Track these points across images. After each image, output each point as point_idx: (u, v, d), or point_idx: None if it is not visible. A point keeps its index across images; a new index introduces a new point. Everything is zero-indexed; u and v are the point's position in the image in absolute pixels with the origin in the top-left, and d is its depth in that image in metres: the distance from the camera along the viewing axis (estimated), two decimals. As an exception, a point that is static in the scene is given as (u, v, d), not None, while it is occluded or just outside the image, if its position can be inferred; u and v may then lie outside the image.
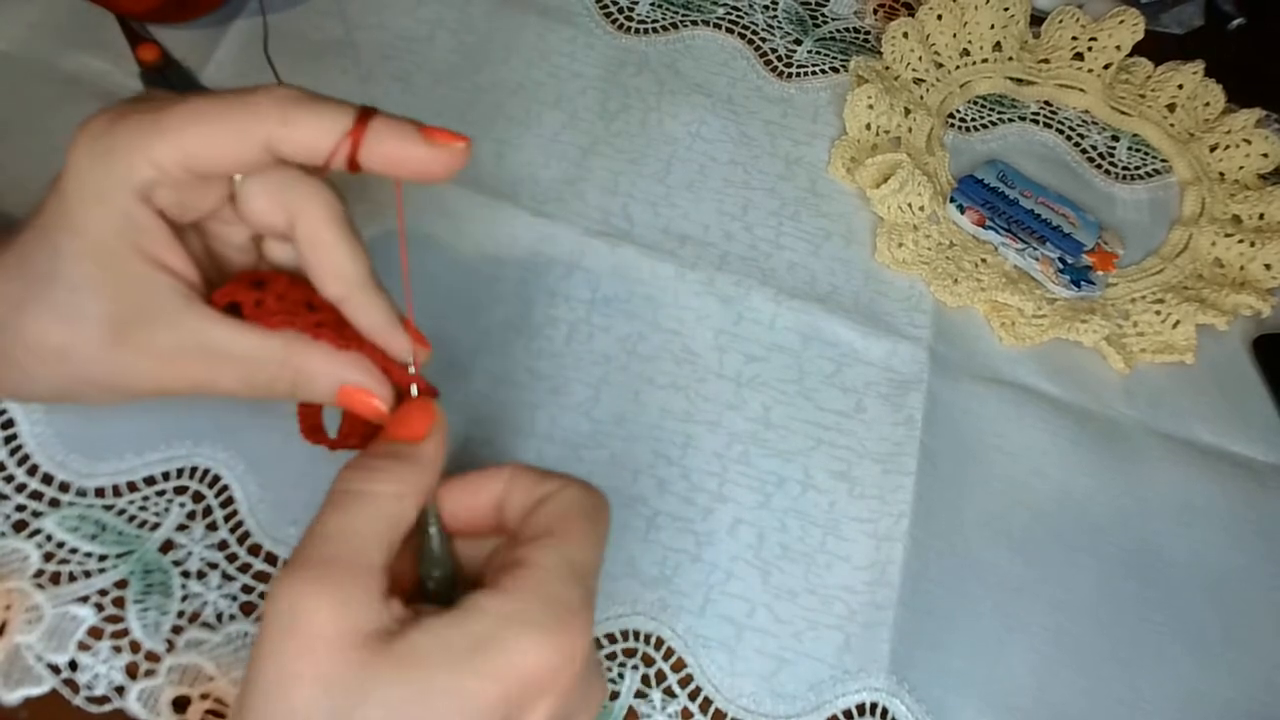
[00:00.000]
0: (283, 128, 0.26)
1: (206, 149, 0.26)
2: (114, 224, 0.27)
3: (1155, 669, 0.40)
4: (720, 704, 0.37)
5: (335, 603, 0.24)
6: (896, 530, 0.41)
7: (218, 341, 0.28)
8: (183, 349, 0.28)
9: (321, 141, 0.27)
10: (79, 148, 0.27)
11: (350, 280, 0.29)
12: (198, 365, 0.28)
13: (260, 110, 0.26)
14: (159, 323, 0.27)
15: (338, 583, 0.24)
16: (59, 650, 0.35)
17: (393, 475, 0.27)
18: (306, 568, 0.24)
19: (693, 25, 0.54)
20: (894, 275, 0.48)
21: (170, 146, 0.26)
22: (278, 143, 0.27)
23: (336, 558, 0.25)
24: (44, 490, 0.37)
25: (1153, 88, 0.54)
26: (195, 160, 0.27)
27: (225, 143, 0.26)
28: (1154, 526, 0.43)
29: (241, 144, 0.26)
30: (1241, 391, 0.48)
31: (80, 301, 0.27)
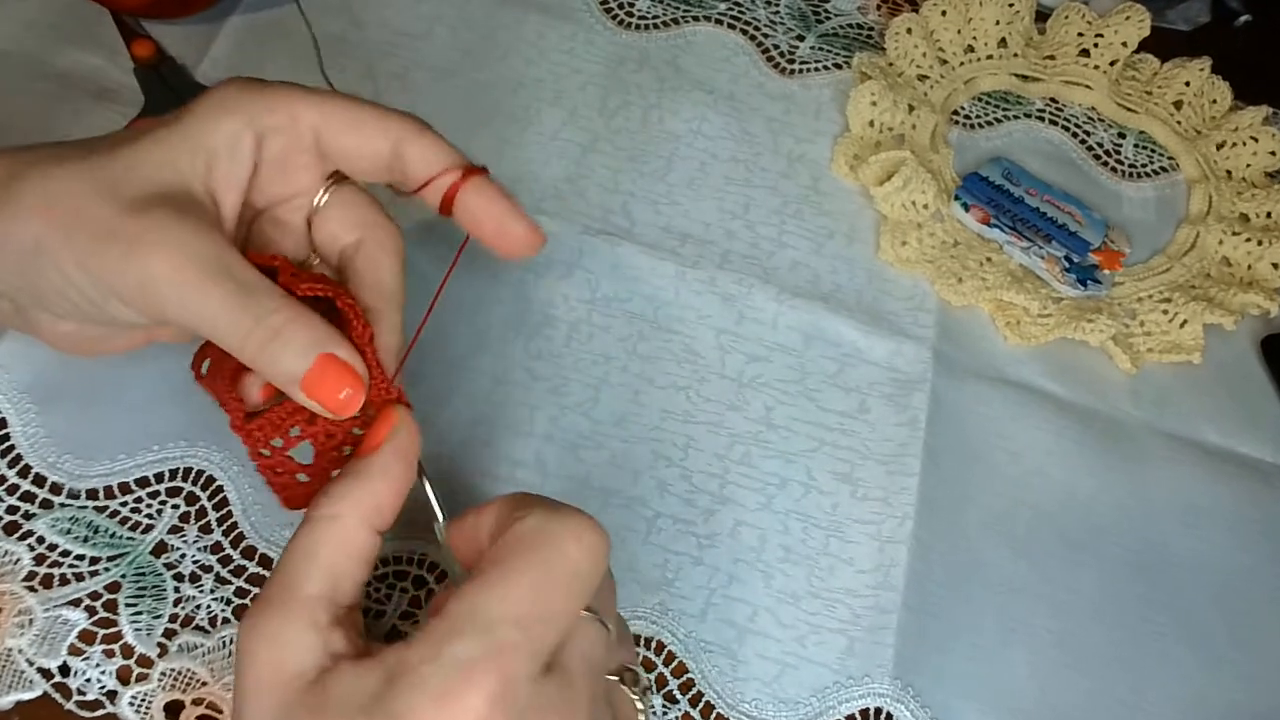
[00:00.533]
0: (415, 142, 0.29)
1: (345, 127, 0.29)
2: (214, 139, 0.28)
3: (1160, 671, 0.40)
4: (722, 709, 0.37)
5: (270, 641, 0.24)
6: (900, 532, 0.41)
7: (228, 260, 0.27)
8: (189, 249, 0.26)
9: (438, 166, 0.30)
10: (232, 83, 0.29)
11: (389, 299, 0.31)
12: (195, 272, 0.26)
13: (401, 120, 0.30)
14: (184, 220, 0.27)
15: (275, 618, 0.24)
16: (50, 654, 0.34)
17: (333, 496, 0.26)
18: (256, 605, 0.25)
19: (694, 21, 0.54)
20: (898, 274, 0.47)
21: (315, 111, 0.29)
22: (406, 151, 0.29)
23: (275, 592, 0.25)
24: (36, 492, 0.37)
25: (1159, 85, 0.54)
26: (328, 133, 0.29)
27: (364, 129, 0.29)
28: (1159, 528, 0.43)
29: (376, 139, 0.29)
30: (1249, 392, 0.47)
31: (133, 169, 0.27)
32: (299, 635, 0.24)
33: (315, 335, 0.27)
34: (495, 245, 0.31)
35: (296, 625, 0.24)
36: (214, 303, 0.26)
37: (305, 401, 0.27)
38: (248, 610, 0.25)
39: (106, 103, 0.46)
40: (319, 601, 0.25)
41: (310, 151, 0.30)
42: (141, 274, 0.26)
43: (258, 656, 0.24)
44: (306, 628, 0.24)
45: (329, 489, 0.26)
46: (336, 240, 0.31)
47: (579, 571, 0.24)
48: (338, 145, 0.30)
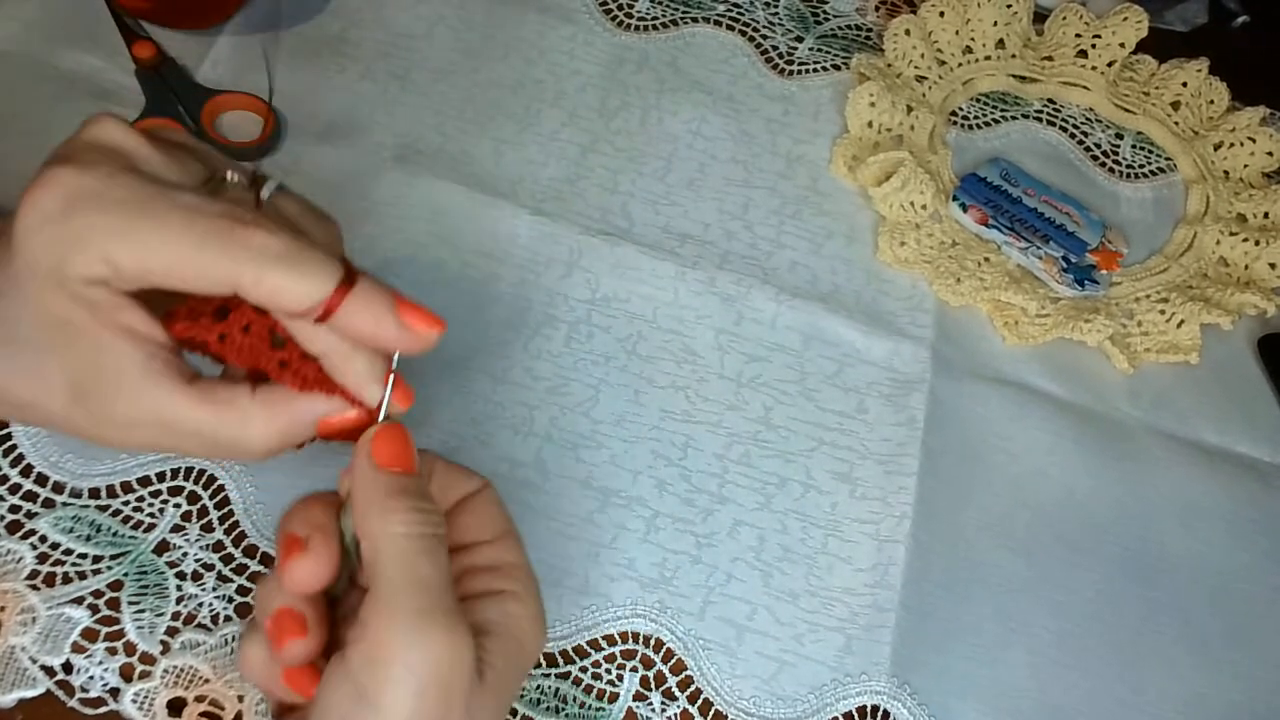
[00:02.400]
0: (256, 284, 0.25)
1: (168, 269, 0.24)
2: (65, 302, 0.25)
3: (1158, 671, 0.40)
4: (720, 706, 0.37)
5: (470, 647, 0.25)
6: (898, 531, 0.41)
7: (175, 415, 0.26)
8: (141, 422, 0.26)
9: (293, 305, 0.25)
10: (28, 228, 0.25)
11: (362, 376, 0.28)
12: (159, 434, 0.27)
13: (239, 257, 0.24)
14: (118, 393, 0.26)
15: (465, 627, 0.25)
16: (53, 652, 0.34)
17: (438, 515, 0.27)
18: (436, 618, 0.25)
19: (693, 22, 0.54)
20: (896, 274, 0.48)
21: (130, 256, 0.24)
22: (246, 291, 0.25)
23: (453, 602, 0.25)
24: (38, 491, 0.37)
25: (1157, 85, 0.54)
26: (153, 276, 0.25)
27: (190, 272, 0.25)
28: (1157, 527, 0.43)
29: (207, 279, 0.25)
30: (1246, 391, 0.47)
31: (43, 364, 0.26)
32: (467, 640, 0.25)
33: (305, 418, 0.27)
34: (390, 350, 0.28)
35: (466, 631, 0.25)
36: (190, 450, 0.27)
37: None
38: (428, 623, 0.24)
39: (107, 104, 0.46)
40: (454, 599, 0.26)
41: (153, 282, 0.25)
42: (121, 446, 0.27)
43: (463, 665, 0.25)
44: (469, 636, 0.25)
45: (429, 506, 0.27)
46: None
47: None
48: (171, 285, 0.25)
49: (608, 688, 0.37)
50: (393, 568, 0.25)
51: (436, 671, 0.24)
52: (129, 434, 0.27)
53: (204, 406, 0.26)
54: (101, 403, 0.26)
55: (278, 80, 0.48)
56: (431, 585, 0.25)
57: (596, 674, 0.37)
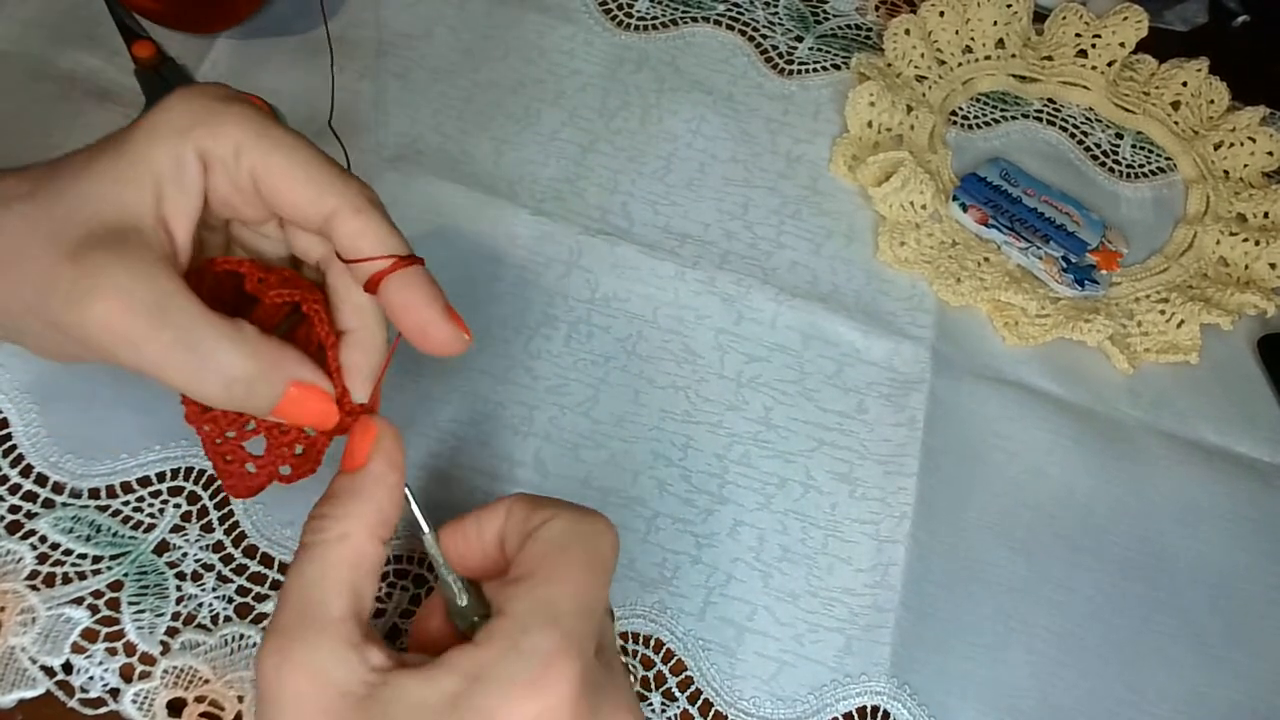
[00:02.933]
0: (349, 218, 0.27)
1: (281, 181, 0.27)
2: (160, 166, 0.26)
3: (1159, 670, 0.40)
4: (720, 707, 0.37)
5: (306, 667, 0.24)
6: (898, 532, 0.41)
7: (170, 304, 0.25)
8: (126, 293, 0.25)
9: (367, 251, 0.27)
10: (185, 99, 0.27)
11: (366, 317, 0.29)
12: (133, 318, 0.25)
13: (342, 193, 0.27)
14: (124, 259, 0.25)
15: (305, 644, 0.24)
16: (53, 652, 0.34)
17: (335, 516, 0.26)
18: (276, 636, 0.24)
19: (693, 22, 0.54)
20: (896, 274, 0.48)
21: (258, 158, 0.27)
22: (337, 227, 0.27)
23: (299, 620, 0.25)
24: (38, 491, 0.37)
25: (1157, 85, 0.54)
26: (266, 182, 0.27)
27: (298, 191, 0.27)
28: (1157, 527, 0.43)
29: (313, 203, 0.27)
30: (1246, 391, 0.47)
31: (72, 211, 0.26)
32: (338, 657, 0.24)
33: (277, 365, 0.27)
34: (414, 342, 0.28)
35: (332, 648, 0.24)
36: (156, 352, 0.25)
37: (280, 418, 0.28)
38: (266, 646, 0.24)
39: (107, 103, 0.46)
40: (347, 621, 0.25)
41: (249, 193, 0.28)
42: (82, 325, 0.25)
43: (296, 688, 0.24)
44: (344, 646, 0.24)
45: (328, 510, 0.26)
46: (311, 253, 0.30)
47: (609, 564, 0.27)
48: (272, 198, 0.27)
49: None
50: None
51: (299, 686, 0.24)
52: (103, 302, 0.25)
53: (205, 315, 0.26)
54: (96, 263, 0.25)
55: (274, 80, 0.48)
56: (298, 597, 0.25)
57: (596, 674, 0.37)
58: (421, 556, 0.38)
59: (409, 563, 0.38)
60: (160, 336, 0.25)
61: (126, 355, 0.25)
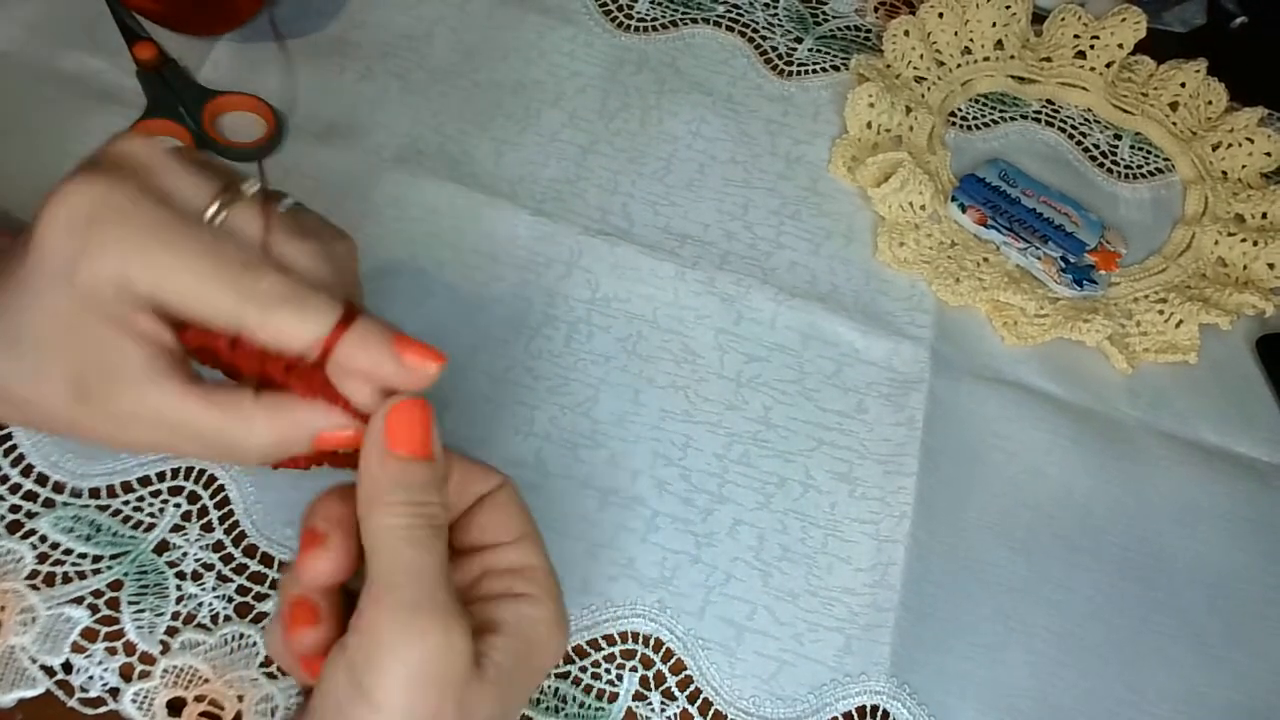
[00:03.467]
0: (260, 325, 0.26)
1: (179, 299, 0.25)
2: (78, 301, 0.25)
3: (1157, 670, 0.40)
4: (720, 706, 0.37)
5: (465, 641, 0.25)
6: (898, 531, 0.41)
7: (177, 415, 0.26)
8: (142, 418, 0.26)
9: (293, 345, 0.26)
10: (53, 225, 0.25)
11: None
12: (159, 433, 0.27)
13: (247, 297, 0.25)
14: (121, 391, 0.26)
15: (461, 621, 0.25)
16: (53, 652, 0.34)
17: (440, 506, 0.27)
18: (429, 611, 0.25)
19: (693, 23, 0.54)
20: (895, 275, 0.48)
21: (144, 279, 0.25)
22: (250, 331, 0.26)
23: (449, 595, 0.25)
24: (38, 491, 0.37)
25: (1155, 86, 0.54)
26: (165, 304, 0.26)
27: (198, 304, 0.26)
28: (1156, 527, 0.43)
29: (214, 313, 0.26)
30: (1244, 391, 0.47)
31: (47, 363, 0.26)
32: (465, 634, 0.25)
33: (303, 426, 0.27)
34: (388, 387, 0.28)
35: (467, 626, 0.25)
36: (190, 452, 0.27)
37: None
38: (415, 615, 0.24)
39: (109, 104, 0.46)
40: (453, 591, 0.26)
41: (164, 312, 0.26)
42: (120, 445, 0.27)
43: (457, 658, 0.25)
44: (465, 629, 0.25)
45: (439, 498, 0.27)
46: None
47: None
48: (179, 314, 0.26)
49: (607, 687, 0.37)
50: (386, 559, 0.25)
51: (426, 663, 0.24)
52: (129, 432, 0.27)
53: (207, 407, 0.26)
54: (104, 401, 0.26)
55: (275, 82, 0.48)
56: (424, 576, 0.25)
57: (596, 674, 0.37)
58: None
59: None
60: (186, 443, 0.27)
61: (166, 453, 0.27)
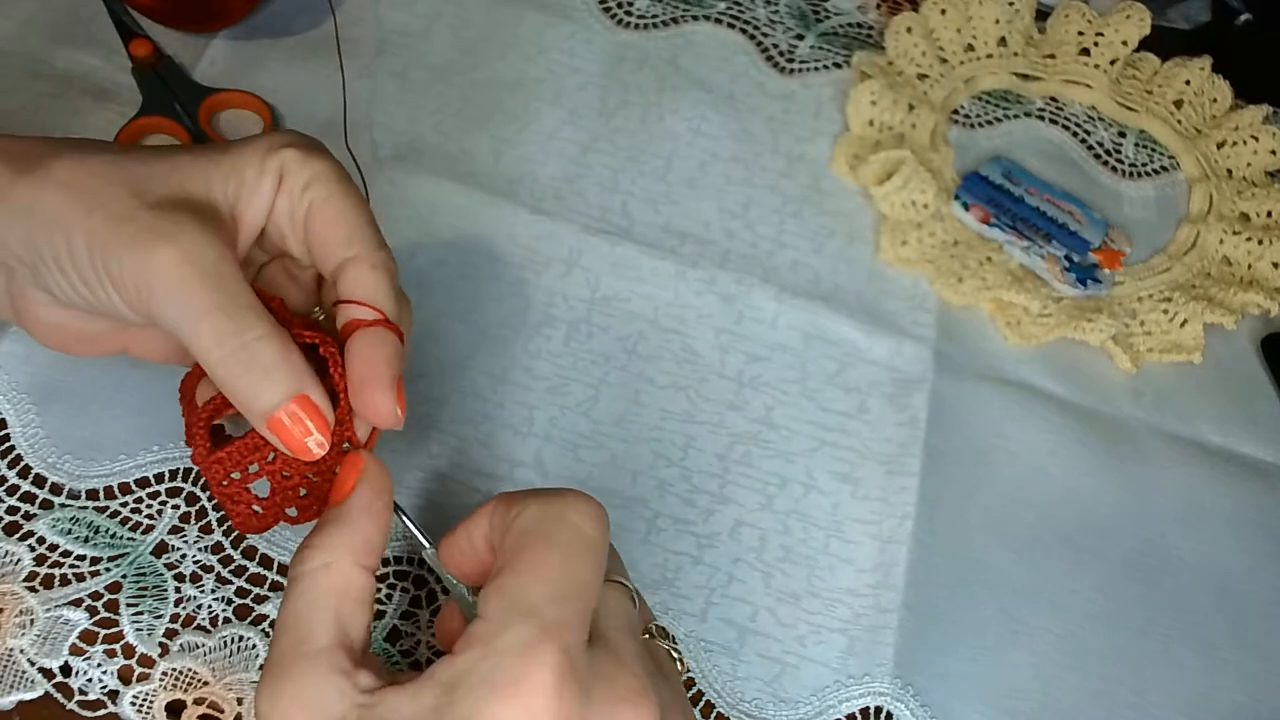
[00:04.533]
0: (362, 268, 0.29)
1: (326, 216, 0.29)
2: (245, 170, 0.29)
3: (1162, 672, 0.40)
4: (722, 708, 0.37)
5: (297, 700, 0.24)
6: (900, 532, 0.41)
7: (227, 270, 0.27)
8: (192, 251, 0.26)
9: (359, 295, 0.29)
10: (294, 131, 0.30)
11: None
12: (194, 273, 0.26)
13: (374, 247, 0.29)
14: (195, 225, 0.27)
15: (292, 678, 0.24)
16: (52, 654, 0.34)
17: (318, 546, 0.26)
18: (268, 671, 0.24)
19: (693, 20, 0.54)
20: (898, 273, 0.47)
21: (321, 192, 0.29)
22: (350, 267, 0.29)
23: (288, 653, 0.25)
24: (36, 492, 0.37)
25: (1159, 83, 0.54)
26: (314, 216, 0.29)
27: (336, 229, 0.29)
28: (1160, 528, 0.43)
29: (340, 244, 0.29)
30: (1250, 391, 0.47)
31: (158, 168, 0.28)
32: (326, 685, 0.24)
33: (296, 373, 0.27)
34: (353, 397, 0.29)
35: (320, 676, 0.24)
36: (203, 314, 0.26)
37: (266, 435, 0.27)
38: (262, 682, 0.24)
39: (104, 102, 0.46)
40: (334, 649, 0.25)
41: (299, 224, 0.30)
42: (143, 264, 0.26)
43: (285, 716, 0.24)
44: (332, 675, 0.24)
45: (314, 541, 0.26)
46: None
47: (591, 541, 0.26)
48: (311, 229, 0.29)
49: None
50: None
51: None
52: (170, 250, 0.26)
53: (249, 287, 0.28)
54: (173, 219, 0.27)
55: (272, 80, 0.48)
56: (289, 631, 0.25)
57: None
58: (421, 558, 0.38)
59: (409, 564, 0.38)
60: (210, 297, 0.26)
61: (170, 307, 0.26)
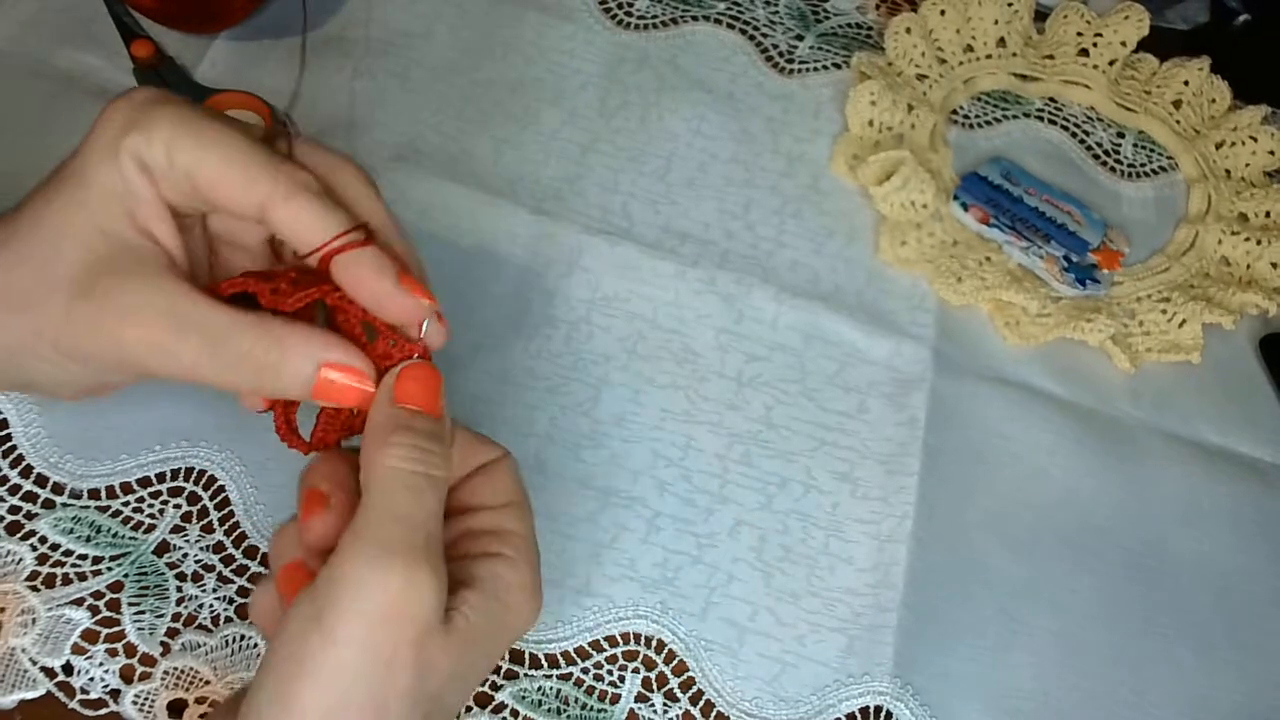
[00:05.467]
0: (281, 204, 0.27)
1: (214, 175, 0.27)
2: (114, 184, 0.27)
3: (1161, 672, 0.40)
4: (722, 708, 0.37)
5: (434, 589, 0.25)
6: (900, 531, 0.41)
7: (187, 309, 0.27)
8: (149, 309, 0.26)
9: (306, 234, 0.27)
10: (115, 109, 0.27)
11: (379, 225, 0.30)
12: (162, 331, 0.26)
13: (277, 179, 0.27)
14: (131, 279, 0.27)
15: (435, 570, 0.25)
16: (53, 653, 0.34)
17: (442, 460, 0.27)
18: (402, 554, 0.25)
19: (693, 21, 0.54)
20: (897, 274, 0.47)
21: (188, 155, 0.27)
22: (270, 213, 0.27)
23: (429, 544, 0.25)
24: (38, 492, 0.37)
25: (1158, 84, 0.54)
26: (198, 178, 0.27)
27: (230, 183, 0.27)
28: (1159, 527, 0.43)
29: (244, 193, 0.27)
30: (1248, 391, 0.47)
31: (59, 247, 0.27)
32: (444, 584, 0.25)
33: (303, 351, 0.27)
34: (380, 315, 0.28)
35: (444, 576, 0.25)
36: (189, 359, 0.26)
37: (323, 403, 0.28)
38: (385, 555, 0.24)
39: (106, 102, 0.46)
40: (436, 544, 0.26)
41: (189, 193, 0.28)
42: (117, 350, 0.26)
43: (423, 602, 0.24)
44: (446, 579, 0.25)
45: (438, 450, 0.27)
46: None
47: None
48: (207, 193, 0.27)
49: (609, 689, 0.37)
50: (376, 497, 0.26)
51: (390, 605, 0.24)
52: (131, 325, 0.26)
53: (220, 307, 0.27)
54: (112, 283, 0.26)
55: (275, 80, 0.48)
56: (407, 521, 0.25)
57: (598, 675, 0.37)
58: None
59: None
60: (189, 342, 0.26)
61: (161, 366, 0.27)
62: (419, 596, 0.24)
